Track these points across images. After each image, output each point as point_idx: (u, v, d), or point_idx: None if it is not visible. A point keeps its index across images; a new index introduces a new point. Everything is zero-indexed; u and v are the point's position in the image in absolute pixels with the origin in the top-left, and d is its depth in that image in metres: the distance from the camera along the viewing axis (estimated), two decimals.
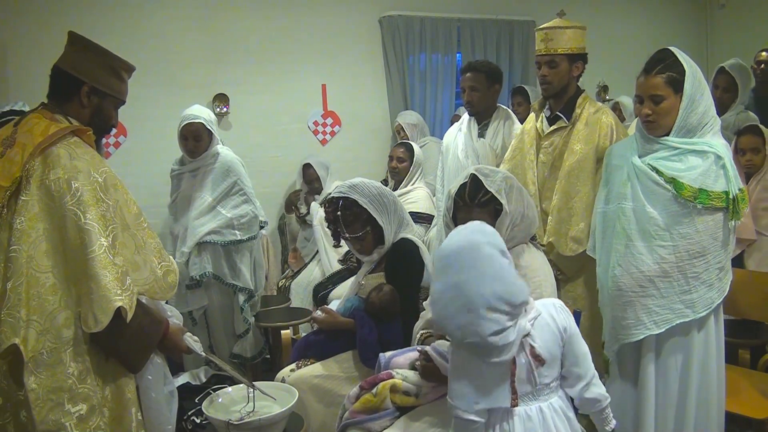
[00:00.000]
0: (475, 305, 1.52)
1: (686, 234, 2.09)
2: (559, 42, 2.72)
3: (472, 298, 1.53)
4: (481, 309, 1.52)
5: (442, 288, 1.59)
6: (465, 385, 1.63)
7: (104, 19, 4.28)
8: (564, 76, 2.74)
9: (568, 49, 2.72)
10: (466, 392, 1.63)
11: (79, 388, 1.63)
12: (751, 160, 3.28)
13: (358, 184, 2.63)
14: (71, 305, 1.64)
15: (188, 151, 3.44)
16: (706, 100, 2.13)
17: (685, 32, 6.31)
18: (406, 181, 4.19)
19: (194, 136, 3.39)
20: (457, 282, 1.55)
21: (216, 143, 3.49)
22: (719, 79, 3.94)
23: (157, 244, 1.85)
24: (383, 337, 2.43)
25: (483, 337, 1.54)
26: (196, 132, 3.38)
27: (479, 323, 1.53)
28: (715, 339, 2.18)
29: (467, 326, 1.54)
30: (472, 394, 1.62)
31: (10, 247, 1.61)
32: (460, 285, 1.54)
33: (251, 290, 3.53)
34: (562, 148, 2.74)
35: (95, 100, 1.84)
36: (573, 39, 2.73)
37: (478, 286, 1.53)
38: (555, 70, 2.73)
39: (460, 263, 1.57)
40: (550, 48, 2.72)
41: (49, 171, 1.65)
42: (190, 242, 3.39)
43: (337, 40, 5.03)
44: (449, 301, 1.56)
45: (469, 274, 1.54)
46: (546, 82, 2.76)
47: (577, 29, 2.75)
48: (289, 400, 2.13)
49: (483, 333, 1.53)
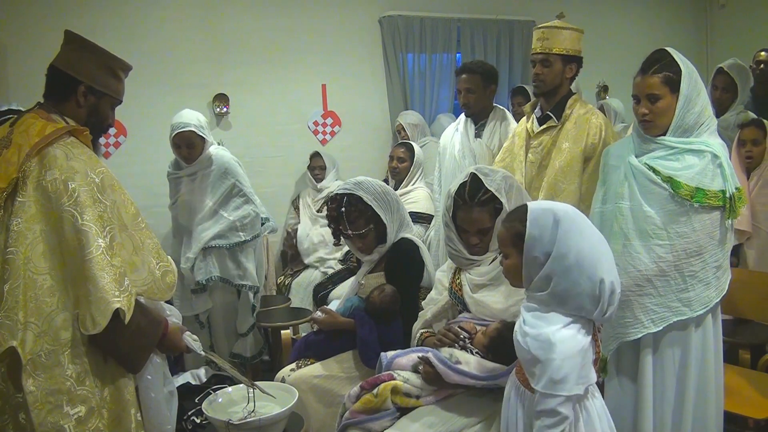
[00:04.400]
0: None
1: (683, 233, 2.09)
2: (555, 42, 2.74)
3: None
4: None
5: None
6: (574, 368, 1.58)
7: (104, 19, 4.29)
8: (557, 75, 2.77)
9: (564, 49, 2.74)
10: (570, 373, 1.58)
11: (77, 390, 1.63)
12: (751, 151, 3.35)
13: (363, 181, 2.64)
14: (69, 307, 1.63)
15: (183, 158, 3.43)
16: (702, 99, 2.13)
17: (685, 32, 6.30)
18: (406, 181, 4.20)
19: (187, 144, 3.37)
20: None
21: (209, 145, 3.47)
22: (718, 80, 3.95)
23: (156, 245, 1.84)
24: (383, 337, 2.43)
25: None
26: (188, 139, 3.36)
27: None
28: (713, 339, 2.17)
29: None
30: (576, 373, 1.59)
31: (7, 249, 1.60)
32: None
33: (258, 287, 3.55)
34: (550, 147, 2.77)
35: (92, 99, 1.83)
36: (569, 40, 2.75)
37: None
38: (549, 69, 2.76)
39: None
40: (546, 47, 2.75)
41: (46, 172, 1.64)
42: (196, 248, 3.41)
43: (337, 40, 5.03)
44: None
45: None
46: (539, 80, 2.79)
47: (574, 31, 2.76)
48: (289, 400, 2.13)
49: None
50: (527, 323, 1.65)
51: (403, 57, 5.17)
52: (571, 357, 1.58)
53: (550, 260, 1.61)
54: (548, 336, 1.59)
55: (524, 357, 1.64)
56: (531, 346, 1.61)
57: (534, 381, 1.61)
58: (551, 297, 1.63)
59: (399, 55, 5.15)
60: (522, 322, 1.67)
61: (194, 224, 3.44)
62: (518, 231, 1.67)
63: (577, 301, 1.61)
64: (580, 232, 1.64)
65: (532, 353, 1.60)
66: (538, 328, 1.62)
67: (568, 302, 1.62)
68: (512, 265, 1.72)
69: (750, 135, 3.38)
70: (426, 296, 2.50)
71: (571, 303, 1.62)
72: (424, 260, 2.64)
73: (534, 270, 1.64)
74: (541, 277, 1.64)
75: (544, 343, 1.59)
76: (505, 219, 1.81)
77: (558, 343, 1.58)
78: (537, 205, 1.70)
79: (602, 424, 1.68)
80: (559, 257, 1.61)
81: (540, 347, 1.59)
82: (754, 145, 3.36)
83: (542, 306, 1.65)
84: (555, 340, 1.58)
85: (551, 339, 1.58)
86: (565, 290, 1.61)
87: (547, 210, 1.66)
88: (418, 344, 2.34)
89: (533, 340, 1.61)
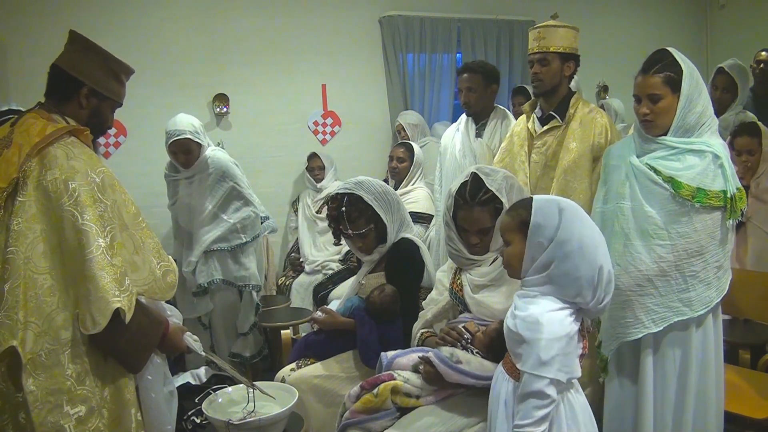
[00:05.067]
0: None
1: (684, 233, 2.09)
2: (552, 40, 2.74)
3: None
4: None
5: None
6: (559, 351, 1.60)
7: (104, 19, 4.29)
8: (556, 74, 2.76)
9: (561, 47, 2.74)
10: (556, 355, 1.60)
11: (77, 390, 1.63)
12: (748, 161, 3.24)
13: (364, 181, 2.64)
14: (69, 306, 1.63)
15: (181, 164, 3.44)
16: (703, 99, 2.13)
17: (685, 32, 6.30)
18: (406, 181, 4.20)
19: (183, 151, 3.37)
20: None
21: (206, 149, 3.46)
22: (718, 80, 3.94)
23: (156, 244, 1.84)
24: (383, 337, 2.43)
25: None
26: (185, 146, 3.36)
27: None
28: (713, 339, 2.18)
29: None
30: (561, 357, 1.61)
31: (8, 249, 1.60)
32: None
33: (259, 285, 3.57)
34: (556, 148, 2.76)
35: (94, 101, 1.83)
36: (565, 38, 2.75)
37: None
38: (547, 67, 2.75)
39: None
40: (543, 46, 2.75)
41: (47, 171, 1.64)
42: (197, 251, 3.42)
43: (337, 40, 5.03)
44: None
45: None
46: (538, 79, 2.78)
47: (570, 29, 2.76)
48: (289, 400, 2.13)
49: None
50: (518, 308, 1.68)
51: (403, 57, 5.17)
52: (557, 339, 1.60)
53: (552, 244, 1.65)
54: (536, 317, 1.62)
55: (512, 339, 1.67)
56: (519, 327, 1.64)
57: (521, 362, 1.63)
58: (549, 278, 1.65)
59: (399, 55, 5.15)
60: (513, 308, 1.71)
61: (195, 227, 3.45)
62: (523, 218, 1.71)
63: (575, 285, 1.64)
64: (582, 222, 1.68)
65: (520, 334, 1.63)
66: (527, 311, 1.65)
67: (565, 287, 1.65)
68: (514, 252, 1.74)
69: (744, 145, 3.24)
70: (426, 296, 2.50)
71: (569, 287, 1.64)
72: (424, 260, 2.64)
73: (536, 255, 1.67)
74: (541, 262, 1.67)
75: (532, 323, 1.62)
76: (509, 209, 1.84)
77: (546, 324, 1.60)
78: (541, 197, 1.75)
79: (584, 418, 1.70)
80: (562, 242, 1.64)
81: (528, 327, 1.62)
82: (750, 155, 3.23)
83: (538, 289, 1.67)
84: (543, 320, 1.61)
85: (539, 319, 1.61)
86: (565, 273, 1.64)
87: (552, 201, 1.71)
88: (418, 344, 2.34)
89: (522, 321, 1.64)
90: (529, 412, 1.61)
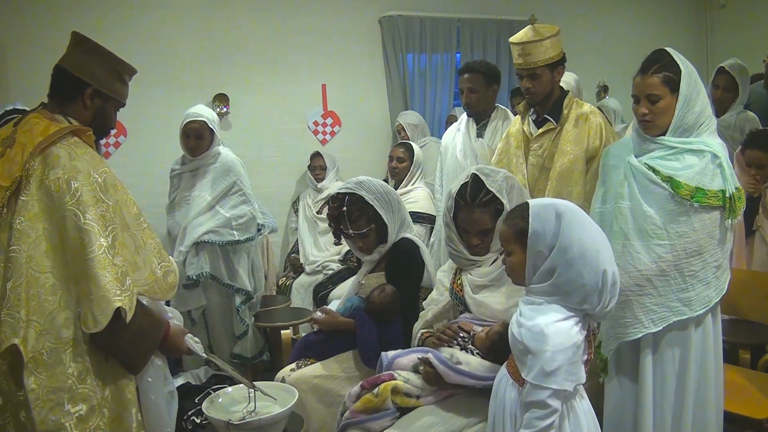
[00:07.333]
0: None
1: (683, 233, 2.09)
2: (537, 55, 2.67)
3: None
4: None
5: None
6: (564, 362, 1.59)
7: (104, 19, 4.29)
8: (548, 84, 2.73)
9: (548, 58, 2.68)
10: (561, 366, 1.59)
11: (78, 389, 1.63)
12: (757, 174, 3.15)
13: (365, 181, 2.64)
14: (71, 305, 1.63)
15: (189, 149, 3.45)
16: (702, 99, 2.13)
17: (685, 32, 6.31)
18: (406, 181, 4.20)
19: (196, 134, 3.41)
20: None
21: (218, 143, 3.51)
22: (719, 79, 3.94)
23: (157, 245, 1.84)
24: (383, 337, 2.43)
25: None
26: (199, 130, 3.39)
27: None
28: (713, 338, 2.18)
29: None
30: (566, 367, 1.60)
31: (10, 248, 1.61)
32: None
33: (249, 292, 3.53)
34: (551, 150, 2.75)
35: (98, 102, 1.84)
36: (551, 48, 2.68)
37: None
38: (538, 81, 2.71)
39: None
40: (530, 62, 2.69)
41: (49, 171, 1.65)
42: (188, 241, 3.40)
43: (337, 40, 5.03)
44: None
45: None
46: (531, 93, 2.75)
47: (552, 37, 2.69)
48: (289, 400, 2.13)
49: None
50: (523, 315, 1.67)
51: (403, 57, 5.17)
52: (563, 350, 1.59)
53: (553, 252, 1.63)
54: (542, 328, 1.60)
55: (517, 347, 1.66)
56: (524, 337, 1.62)
57: (525, 371, 1.63)
58: (554, 287, 1.64)
59: (399, 55, 5.15)
60: (518, 314, 1.69)
61: (190, 218, 3.44)
62: (521, 227, 1.69)
63: (580, 292, 1.63)
64: (582, 225, 1.66)
65: (525, 344, 1.62)
66: (533, 320, 1.63)
67: (570, 294, 1.63)
68: (516, 261, 1.73)
69: (755, 159, 3.14)
70: (426, 296, 2.50)
71: (573, 295, 1.63)
72: (424, 260, 2.64)
73: (538, 263, 1.66)
74: (544, 270, 1.65)
75: (537, 334, 1.60)
76: (506, 217, 1.82)
77: (551, 335, 1.59)
78: (538, 202, 1.72)
79: (588, 424, 1.70)
80: (562, 249, 1.62)
81: (533, 338, 1.61)
82: (759, 168, 3.15)
83: (544, 297, 1.66)
84: (548, 332, 1.60)
85: (545, 331, 1.60)
86: (569, 282, 1.62)
87: (549, 205, 1.68)
88: (418, 344, 2.34)
89: (527, 331, 1.63)
90: (531, 422, 1.61)
